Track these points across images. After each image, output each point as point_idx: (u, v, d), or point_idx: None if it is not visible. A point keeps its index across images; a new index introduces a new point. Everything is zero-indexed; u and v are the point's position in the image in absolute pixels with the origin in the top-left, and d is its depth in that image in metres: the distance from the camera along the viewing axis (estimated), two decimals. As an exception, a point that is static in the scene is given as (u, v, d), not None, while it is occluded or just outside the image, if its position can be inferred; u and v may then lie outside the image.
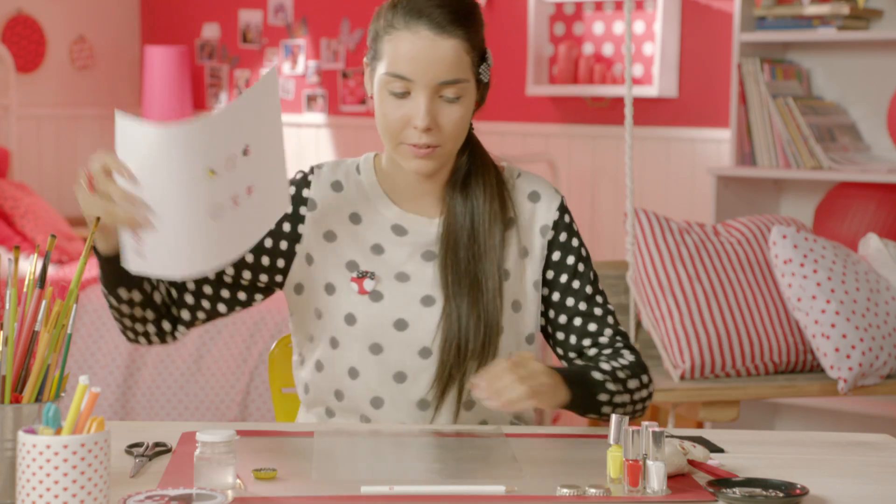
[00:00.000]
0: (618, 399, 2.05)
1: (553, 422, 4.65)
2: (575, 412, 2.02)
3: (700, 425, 4.11)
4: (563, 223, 2.14)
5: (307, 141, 6.27)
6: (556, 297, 2.13)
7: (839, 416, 4.76)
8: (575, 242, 2.14)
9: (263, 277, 2.11)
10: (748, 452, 1.92)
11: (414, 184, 2.11)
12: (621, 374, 2.06)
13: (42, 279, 1.66)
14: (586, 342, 2.12)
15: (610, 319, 2.14)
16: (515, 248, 2.11)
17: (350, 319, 2.06)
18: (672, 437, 1.87)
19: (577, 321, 2.12)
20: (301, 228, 2.09)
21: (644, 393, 2.10)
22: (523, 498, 1.66)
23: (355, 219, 2.10)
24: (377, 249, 2.09)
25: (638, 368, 2.10)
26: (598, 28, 5.38)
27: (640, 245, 3.51)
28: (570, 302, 2.13)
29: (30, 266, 1.69)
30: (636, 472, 1.68)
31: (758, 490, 1.69)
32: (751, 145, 4.65)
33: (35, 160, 6.29)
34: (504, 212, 2.10)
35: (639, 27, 5.27)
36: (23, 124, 6.20)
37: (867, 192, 4.52)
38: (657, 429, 1.68)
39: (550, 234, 2.13)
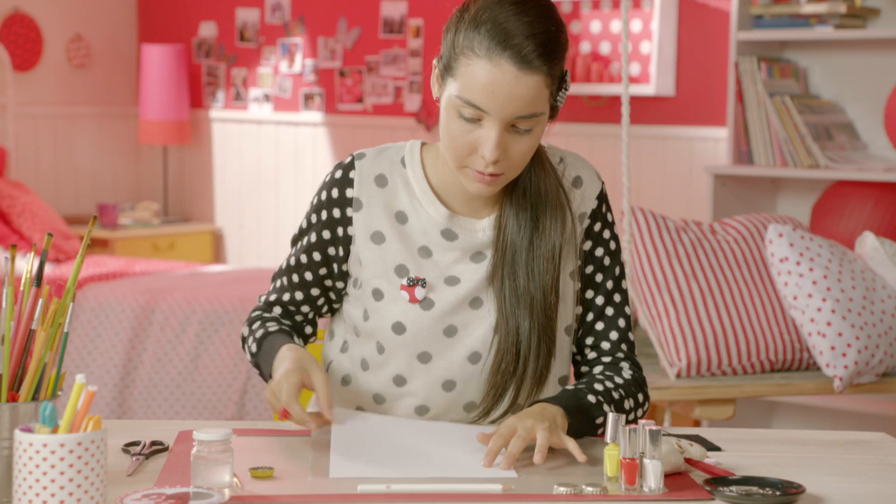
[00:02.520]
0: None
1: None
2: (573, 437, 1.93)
3: (696, 423, 4.11)
4: (600, 213, 2.07)
5: (304, 139, 6.27)
6: (577, 286, 2.06)
7: (835, 414, 4.76)
8: (607, 234, 2.07)
9: (339, 284, 2.09)
10: (745, 451, 1.92)
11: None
12: (615, 395, 2.00)
13: (39, 277, 1.66)
14: (589, 340, 2.08)
15: (621, 322, 2.07)
16: (569, 252, 2.04)
17: (398, 328, 2.00)
18: (669, 435, 1.87)
19: (590, 316, 2.07)
20: (350, 230, 2.05)
21: (639, 412, 2.04)
22: (520, 497, 1.66)
23: (401, 217, 2.04)
24: (425, 252, 2.02)
25: (634, 387, 2.03)
26: (596, 27, 5.37)
27: (637, 243, 3.51)
28: (588, 294, 2.07)
29: (26, 264, 1.68)
30: (633, 470, 1.68)
31: (754, 488, 1.69)
32: (748, 144, 4.65)
33: (32, 159, 6.29)
34: (564, 225, 2.01)
35: (636, 26, 5.27)
36: (20, 123, 6.20)
37: (864, 191, 4.52)
38: (654, 427, 1.68)
39: (587, 223, 2.06)
